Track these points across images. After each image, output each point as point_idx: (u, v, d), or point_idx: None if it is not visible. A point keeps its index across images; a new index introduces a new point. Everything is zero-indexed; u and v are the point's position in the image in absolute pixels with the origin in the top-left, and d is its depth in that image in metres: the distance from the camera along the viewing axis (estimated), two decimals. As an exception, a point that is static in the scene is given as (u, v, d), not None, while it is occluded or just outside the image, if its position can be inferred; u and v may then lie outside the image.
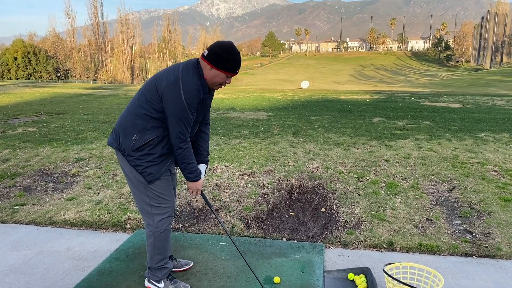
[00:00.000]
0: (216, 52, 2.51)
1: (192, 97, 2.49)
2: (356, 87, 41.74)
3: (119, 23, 75.38)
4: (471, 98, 15.60)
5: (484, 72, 62.93)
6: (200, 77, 2.56)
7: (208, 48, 2.57)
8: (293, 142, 7.16)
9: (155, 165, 2.65)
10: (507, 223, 3.90)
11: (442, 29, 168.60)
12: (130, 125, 2.60)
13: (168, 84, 2.48)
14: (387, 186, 4.89)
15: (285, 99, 15.47)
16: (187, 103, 2.47)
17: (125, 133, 2.62)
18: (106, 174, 5.46)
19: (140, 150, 2.60)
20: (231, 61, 2.53)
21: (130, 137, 2.59)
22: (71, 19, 75.21)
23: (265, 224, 4.04)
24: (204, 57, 2.55)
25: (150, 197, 2.72)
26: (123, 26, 74.79)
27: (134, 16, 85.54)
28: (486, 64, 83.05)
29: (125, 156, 2.64)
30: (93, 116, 10.38)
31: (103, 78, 69.96)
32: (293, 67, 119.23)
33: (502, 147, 6.57)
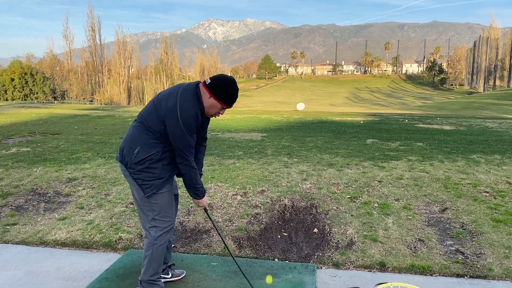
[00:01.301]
0: (219, 84, 2.70)
1: (190, 124, 2.63)
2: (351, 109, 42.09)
3: (116, 45, 76.21)
4: (464, 121, 15.77)
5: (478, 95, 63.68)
6: (199, 103, 2.70)
7: (212, 78, 2.74)
8: (287, 162, 7.18)
9: (155, 179, 2.77)
10: (498, 243, 3.91)
11: (435, 53, 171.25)
12: (133, 140, 2.77)
13: (167, 111, 2.64)
14: (380, 207, 4.90)
15: (280, 120, 15.57)
16: (185, 130, 2.62)
17: (129, 147, 2.77)
18: (99, 194, 5.44)
19: (141, 163, 2.73)
20: (231, 95, 2.72)
21: (133, 150, 2.74)
22: (69, 41, 76.06)
23: (257, 245, 4.02)
24: (206, 85, 2.71)
25: (152, 210, 2.84)
26: (120, 48, 75.61)
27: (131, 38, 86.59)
28: (479, 87, 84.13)
29: (128, 169, 2.78)
30: (87, 137, 10.40)
31: (100, 99, 70.22)
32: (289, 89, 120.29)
33: (494, 169, 6.62)
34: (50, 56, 78.16)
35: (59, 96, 68.93)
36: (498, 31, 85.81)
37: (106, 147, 8.76)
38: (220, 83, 2.69)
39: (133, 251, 3.88)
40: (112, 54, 76.61)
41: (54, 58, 77.73)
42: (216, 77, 2.73)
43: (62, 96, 69.50)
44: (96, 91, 73.27)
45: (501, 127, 13.05)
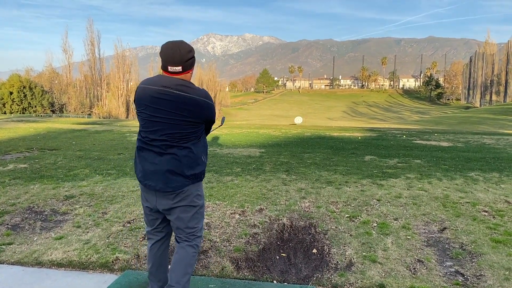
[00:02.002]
0: (183, 58, 2.66)
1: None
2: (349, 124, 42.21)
3: (115, 59, 76.52)
4: (461, 137, 15.81)
5: (475, 110, 64.06)
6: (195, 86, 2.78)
7: (178, 63, 2.67)
8: (285, 180, 7.16)
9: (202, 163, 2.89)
10: (498, 265, 3.89)
11: (432, 68, 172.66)
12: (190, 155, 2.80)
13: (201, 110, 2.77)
14: (379, 226, 4.88)
15: (278, 136, 15.59)
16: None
17: (189, 164, 2.80)
18: (96, 212, 5.41)
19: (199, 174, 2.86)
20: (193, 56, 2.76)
21: (201, 161, 2.86)
22: (68, 55, 76.36)
23: (255, 266, 3.99)
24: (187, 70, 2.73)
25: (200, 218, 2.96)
26: (119, 62, 75.90)
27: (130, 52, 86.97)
28: (476, 102, 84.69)
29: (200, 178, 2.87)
30: (85, 153, 10.37)
31: (98, 112, 70.25)
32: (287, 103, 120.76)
33: (492, 187, 6.62)
34: (49, 69, 78.40)
35: (57, 109, 68.93)
36: (493, 47, 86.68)
37: (104, 163, 8.73)
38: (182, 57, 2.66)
39: (130, 272, 3.83)
40: (111, 68, 76.89)
41: (53, 71, 77.96)
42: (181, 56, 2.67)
43: (60, 110, 69.52)
44: (95, 105, 73.34)
45: (498, 144, 13.08)
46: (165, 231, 3.10)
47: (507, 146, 12.35)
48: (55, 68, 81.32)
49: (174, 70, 2.67)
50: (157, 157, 2.75)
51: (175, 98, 2.67)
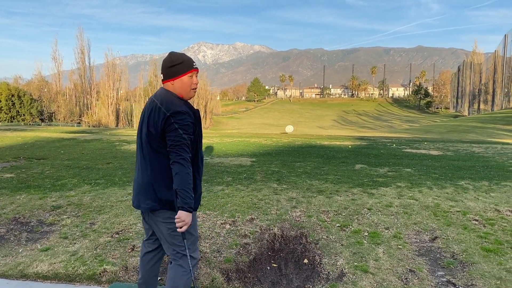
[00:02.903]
0: (164, 68, 2.69)
1: (181, 114, 2.61)
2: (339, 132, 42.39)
3: (105, 67, 76.25)
4: (451, 145, 15.93)
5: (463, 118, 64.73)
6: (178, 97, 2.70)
7: (161, 72, 2.75)
8: (276, 189, 7.13)
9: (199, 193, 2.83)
10: (489, 274, 3.88)
11: (421, 77, 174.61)
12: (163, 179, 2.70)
13: (159, 119, 2.63)
14: (370, 236, 4.85)
15: (269, 144, 15.56)
16: (178, 125, 2.59)
17: (160, 188, 2.70)
18: (84, 223, 5.31)
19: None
20: (179, 64, 2.66)
21: (171, 188, 2.66)
22: (58, 63, 75.98)
23: (246, 277, 3.93)
24: (163, 80, 2.72)
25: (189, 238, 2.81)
26: (109, 70, 75.64)
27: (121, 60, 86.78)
28: (464, 111, 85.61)
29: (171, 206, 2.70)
30: (74, 162, 10.23)
31: (88, 121, 69.80)
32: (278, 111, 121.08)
33: (482, 196, 6.65)
34: (38, 78, 77.79)
35: (46, 118, 68.30)
36: (481, 56, 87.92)
37: (93, 173, 8.61)
38: (165, 66, 2.69)
39: (118, 284, 3.75)
40: (101, 76, 76.58)
41: (42, 80, 77.35)
42: (162, 67, 2.74)
43: (49, 118, 68.89)
44: (84, 113, 72.86)
45: (487, 152, 13.19)
46: (157, 243, 3.03)
47: (495, 155, 12.46)
48: (44, 77, 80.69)
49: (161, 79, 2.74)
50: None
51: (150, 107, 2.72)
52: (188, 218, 2.56)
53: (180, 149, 2.56)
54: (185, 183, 2.54)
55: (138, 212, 5.67)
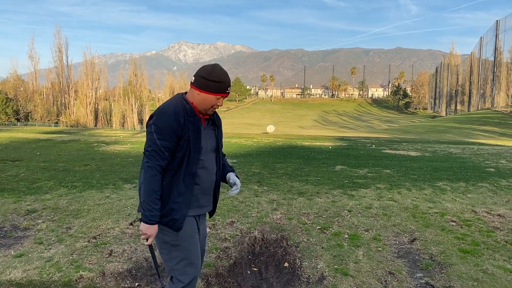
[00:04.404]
0: (201, 76, 2.51)
1: (161, 120, 2.44)
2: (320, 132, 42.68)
3: (84, 66, 75.09)
4: (429, 146, 16.19)
5: (441, 119, 65.99)
6: (182, 102, 2.53)
7: (194, 74, 2.57)
8: (257, 191, 7.10)
9: (174, 210, 2.48)
10: (467, 275, 3.93)
11: (400, 77, 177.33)
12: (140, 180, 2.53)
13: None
14: (350, 238, 4.87)
15: (250, 145, 15.54)
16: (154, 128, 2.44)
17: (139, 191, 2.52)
18: (60, 227, 5.18)
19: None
20: (215, 82, 2.49)
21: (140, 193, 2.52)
22: (35, 61, 74.46)
23: (226, 282, 3.88)
24: (191, 84, 2.55)
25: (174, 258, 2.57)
26: (88, 69, 74.55)
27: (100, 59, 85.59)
28: (442, 111, 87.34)
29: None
30: (50, 164, 9.99)
31: (66, 121, 68.61)
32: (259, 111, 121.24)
33: (459, 197, 6.76)
34: (14, 76, 76.02)
35: (22, 117, 66.83)
36: (457, 58, 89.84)
37: (70, 175, 8.43)
38: (201, 74, 2.51)
39: (95, 291, 3.66)
40: (79, 75, 75.40)
41: (18, 78, 75.65)
42: (198, 71, 2.56)
43: (26, 118, 67.42)
44: (62, 113, 71.57)
45: (464, 153, 13.46)
46: None
47: (472, 156, 12.72)
48: (20, 75, 78.97)
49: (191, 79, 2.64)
50: None
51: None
52: (150, 230, 2.41)
53: (150, 156, 2.43)
54: (149, 195, 2.40)
55: (116, 215, 5.57)
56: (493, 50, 52.55)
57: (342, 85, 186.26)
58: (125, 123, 73.79)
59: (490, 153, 13.57)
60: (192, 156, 2.52)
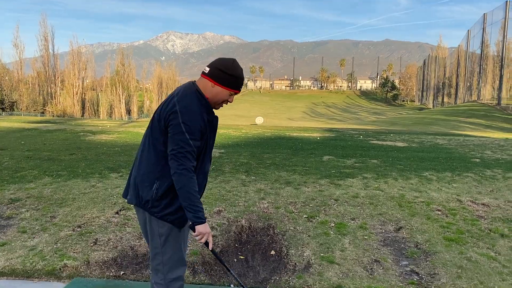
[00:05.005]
0: (219, 68, 2.41)
1: (192, 121, 2.31)
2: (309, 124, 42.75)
3: (70, 55, 74.01)
4: (416, 137, 16.32)
5: (428, 111, 66.56)
6: (201, 97, 2.41)
7: (209, 65, 2.46)
8: (245, 180, 7.08)
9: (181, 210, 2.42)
10: (451, 263, 3.97)
11: (388, 70, 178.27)
12: (147, 175, 2.40)
13: (167, 113, 2.33)
14: (336, 227, 4.88)
15: (239, 136, 15.50)
16: (186, 129, 2.29)
17: (143, 185, 2.41)
18: (44, 216, 5.10)
19: (165, 197, 2.38)
20: (235, 77, 2.43)
21: (150, 188, 2.39)
22: (20, 50, 73.22)
23: (212, 270, 3.87)
24: (206, 74, 2.43)
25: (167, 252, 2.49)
26: (75, 58, 73.51)
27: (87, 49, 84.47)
28: (429, 103, 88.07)
29: (149, 210, 2.41)
30: (35, 153, 9.83)
31: (52, 111, 67.74)
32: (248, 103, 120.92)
33: (445, 186, 6.82)
34: (-2, 65, 74.61)
35: (7, 107, 65.76)
36: (445, 51, 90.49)
37: (55, 164, 8.30)
38: (220, 67, 2.40)
39: (79, 279, 3.63)
40: (66, 65, 74.30)
41: (3, 67, 74.23)
42: (214, 62, 2.45)
43: (11, 108, 66.35)
44: (48, 103, 70.59)
45: (450, 144, 13.60)
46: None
47: (458, 146, 12.85)
48: (5, 64, 77.51)
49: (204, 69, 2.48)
50: None
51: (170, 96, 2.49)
52: (206, 229, 2.37)
53: (183, 157, 2.29)
54: (193, 197, 2.31)
55: (101, 205, 5.51)
56: (480, 43, 52.99)
57: (331, 77, 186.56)
58: (113, 114, 73.06)
59: (475, 144, 13.73)
60: (208, 155, 2.50)
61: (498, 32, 46.45)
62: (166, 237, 2.46)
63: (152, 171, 2.40)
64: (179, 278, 2.56)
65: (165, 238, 2.46)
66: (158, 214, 2.40)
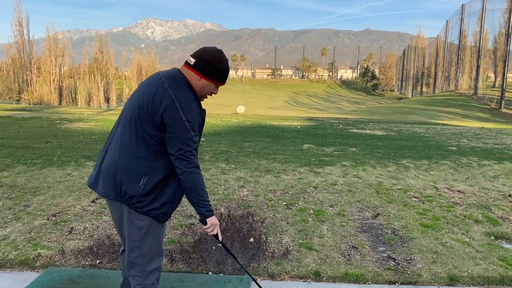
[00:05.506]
0: (207, 61, 2.30)
1: (194, 118, 2.25)
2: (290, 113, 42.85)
3: (47, 41, 72.05)
4: (394, 126, 16.53)
5: (407, 101, 67.42)
6: (194, 91, 2.32)
7: (195, 56, 2.33)
8: (224, 169, 7.05)
9: (169, 203, 2.35)
10: (427, 249, 4.04)
11: (368, 59, 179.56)
12: (135, 169, 2.26)
13: (165, 109, 2.19)
14: (315, 214, 4.91)
15: (219, 124, 15.42)
16: (190, 126, 2.21)
17: (128, 180, 2.26)
18: (17, 205, 4.97)
19: (151, 193, 2.28)
20: (223, 70, 2.35)
21: (137, 183, 2.25)
22: (-7, 35, 70.85)
23: (190, 258, 3.84)
24: (192, 67, 2.31)
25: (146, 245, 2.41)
26: (51, 45, 71.60)
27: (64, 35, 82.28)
28: (408, 93, 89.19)
29: (133, 205, 2.29)
30: (8, 141, 9.57)
31: (28, 98, 66.06)
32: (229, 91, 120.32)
33: (422, 174, 6.93)
34: (-30, 51, 72.20)
35: (-20, 94, 63.90)
36: (424, 41, 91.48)
37: (29, 152, 8.10)
38: (208, 60, 2.29)
39: (54, 268, 3.55)
40: (42, 51, 72.36)
41: (-25, 53, 71.88)
42: (200, 53, 2.33)
43: (-16, 95, 64.49)
44: (24, 90, 68.79)
45: (428, 133, 13.82)
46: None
47: (435, 135, 13.07)
48: (-23, 50, 75.06)
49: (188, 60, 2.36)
50: None
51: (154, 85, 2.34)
52: (215, 220, 2.41)
53: (192, 156, 2.23)
54: (203, 192, 2.31)
55: (77, 193, 5.41)
56: (458, 33, 53.76)
57: (312, 66, 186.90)
58: (91, 102, 71.72)
59: (452, 132, 14.00)
60: (196, 149, 2.41)
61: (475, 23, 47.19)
62: (147, 230, 2.37)
63: (140, 166, 2.25)
64: (157, 269, 2.50)
65: (146, 231, 2.37)
66: (142, 210, 2.30)
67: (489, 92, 43.91)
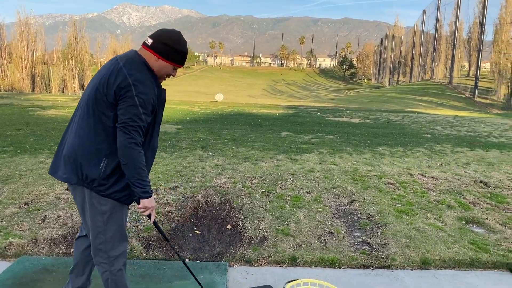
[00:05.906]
0: (164, 42, 2.27)
1: (147, 96, 2.20)
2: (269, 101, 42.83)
3: (18, 26, 69.65)
4: (371, 114, 16.74)
5: (384, 89, 68.24)
6: (150, 71, 2.28)
7: (153, 37, 2.30)
8: (202, 156, 7.01)
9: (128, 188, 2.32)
10: (400, 233, 4.13)
11: (346, 48, 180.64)
12: (95, 152, 2.23)
13: (118, 88, 2.17)
14: (292, 200, 4.95)
15: (197, 112, 15.31)
16: (139, 102, 2.16)
17: (89, 163, 2.23)
18: (-12, 194, 4.84)
19: (112, 175, 2.25)
20: (180, 52, 2.32)
21: (98, 166, 2.23)
22: (-40, 19, 68.08)
23: (167, 245, 3.82)
24: (148, 47, 2.28)
25: (110, 230, 2.37)
26: (22, 30, 69.25)
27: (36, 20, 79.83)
28: (385, 82, 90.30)
29: (95, 189, 2.26)
30: (-22, 128, 9.30)
31: (-1, 85, 64.03)
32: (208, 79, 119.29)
33: (397, 161, 7.05)
34: None
35: None
36: (401, 30, 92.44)
37: (0, 140, 7.88)
38: (166, 41, 2.27)
39: (26, 258, 3.48)
40: (13, 36, 69.98)
41: None
42: (158, 35, 2.30)
43: (-49, 81, 62.14)
44: (-6, 77, 66.62)
45: (404, 121, 14.04)
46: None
47: (411, 123, 13.30)
48: None
49: (146, 40, 2.31)
50: None
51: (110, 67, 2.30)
52: (151, 203, 2.33)
53: (134, 131, 2.16)
54: (142, 171, 2.22)
55: (50, 181, 5.29)
56: (434, 23, 54.51)
57: (291, 54, 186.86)
58: (66, 89, 70.03)
59: (427, 120, 14.27)
60: (156, 130, 2.41)
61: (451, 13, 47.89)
62: (110, 215, 2.35)
63: (99, 149, 2.23)
64: (122, 254, 2.47)
65: (109, 216, 2.35)
66: (105, 193, 2.28)
67: (463, 81, 44.81)
